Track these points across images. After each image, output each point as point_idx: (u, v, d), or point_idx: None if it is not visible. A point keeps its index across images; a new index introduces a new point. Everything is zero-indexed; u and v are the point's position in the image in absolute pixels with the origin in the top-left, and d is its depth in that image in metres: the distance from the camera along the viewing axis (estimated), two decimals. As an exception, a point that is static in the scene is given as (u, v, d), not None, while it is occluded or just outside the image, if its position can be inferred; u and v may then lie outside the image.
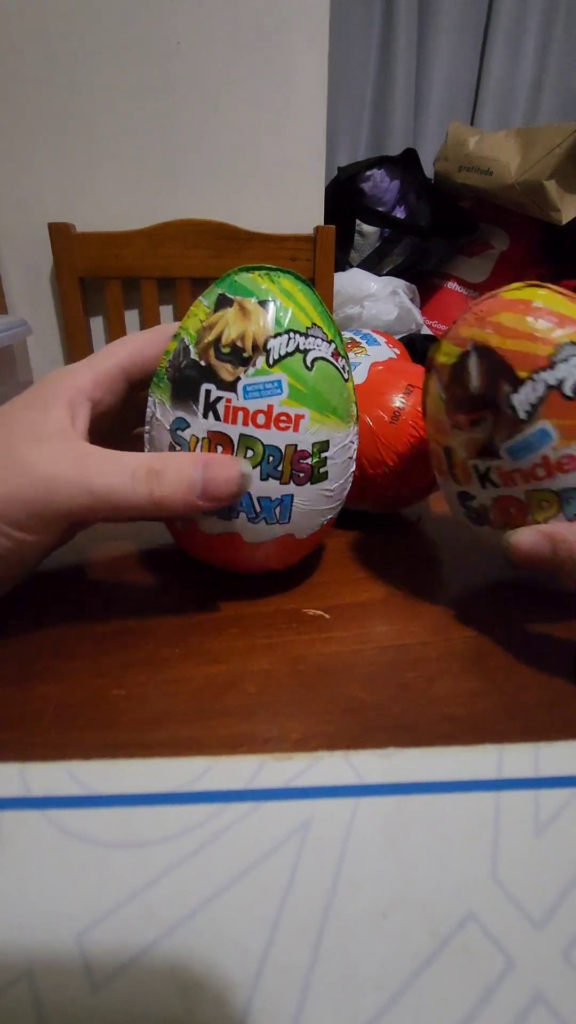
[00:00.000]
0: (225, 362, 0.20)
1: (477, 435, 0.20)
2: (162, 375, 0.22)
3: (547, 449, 0.19)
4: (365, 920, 0.09)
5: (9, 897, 0.09)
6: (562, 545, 0.19)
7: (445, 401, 0.21)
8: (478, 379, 0.20)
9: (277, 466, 0.21)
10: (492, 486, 0.21)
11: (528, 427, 0.19)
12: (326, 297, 0.97)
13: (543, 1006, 0.08)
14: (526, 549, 0.20)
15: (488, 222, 1.29)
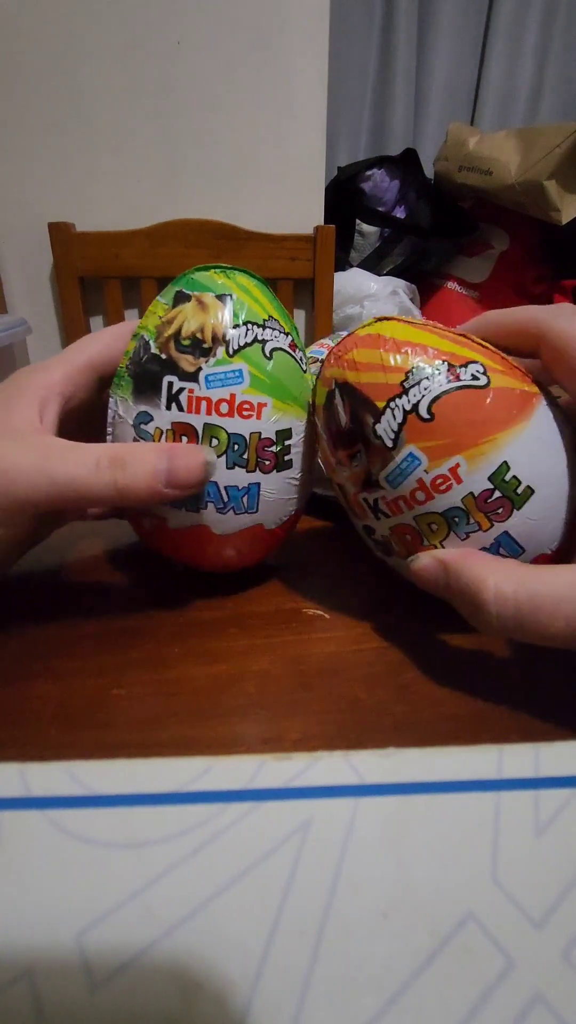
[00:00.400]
0: (186, 354, 0.21)
1: (357, 469, 0.21)
2: (123, 373, 0.22)
3: (419, 472, 0.19)
4: (365, 920, 0.09)
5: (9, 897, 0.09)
6: (452, 572, 0.19)
7: (324, 440, 0.22)
8: (345, 414, 0.21)
9: (243, 454, 0.21)
10: (384, 516, 0.21)
11: (397, 454, 0.19)
12: (326, 297, 0.97)
13: (543, 1006, 0.08)
14: (425, 576, 0.20)
15: (488, 222, 1.29)
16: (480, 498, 0.19)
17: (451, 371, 0.19)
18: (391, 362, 0.20)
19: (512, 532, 0.19)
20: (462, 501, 0.19)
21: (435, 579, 0.20)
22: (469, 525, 0.19)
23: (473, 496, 0.19)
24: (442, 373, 0.19)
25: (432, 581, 0.20)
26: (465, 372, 0.19)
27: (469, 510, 0.19)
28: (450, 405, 0.19)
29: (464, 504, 0.19)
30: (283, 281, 0.96)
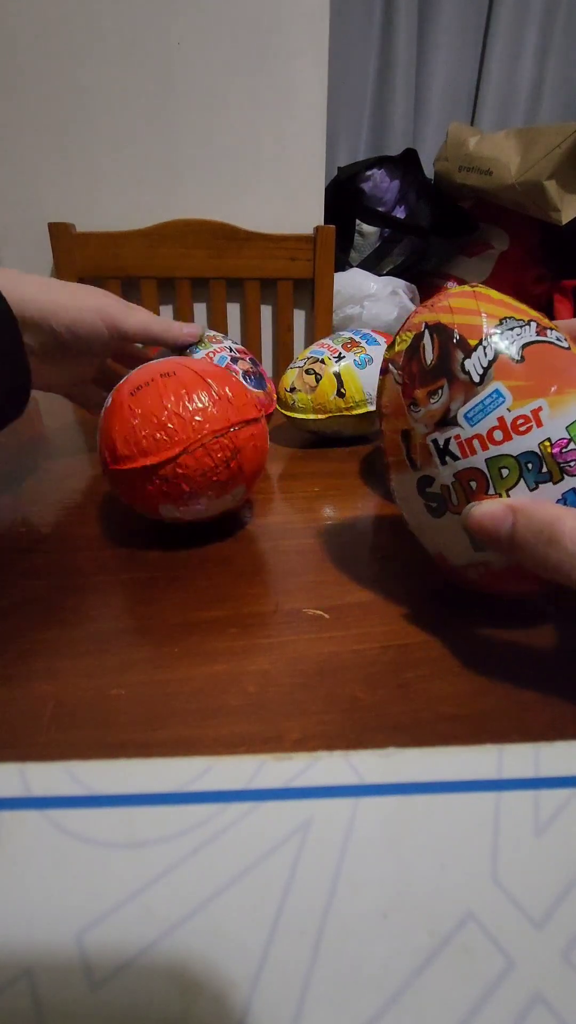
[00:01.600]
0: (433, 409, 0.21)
1: (434, 407, 0.21)
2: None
3: (502, 410, 0.20)
4: (365, 920, 0.09)
5: (9, 897, 0.09)
6: (522, 519, 0.19)
7: (402, 384, 0.23)
8: (432, 351, 0.21)
9: (541, 469, 0.20)
10: (452, 459, 0.21)
11: (482, 389, 0.20)
12: (326, 297, 0.97)
13: (543, 1006, 0.08)
14: (488, 522, 0.20)
15: (488, 222, 1.29)
16: (556, 446, 0.19)
17: (540, 329, 0.21)
18: (486, 310, 0.21)
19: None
20: (539, 446, 0.19)
21: (499, 525, 0.19)
22: (541, 474, 0.20)
23: (550, 442, 0.19)
24: (532, 328, 0.21)
25: (494, 527, 0.19)
26: (550, 334, 0.21)
27: (544, 457, 0.19)
28: (538, 352, 0.20)
29: (540, 449, 0.19)
30: (283, 281, 0.96)
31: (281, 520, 0.33)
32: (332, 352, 0.44)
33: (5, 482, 0.37)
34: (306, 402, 0.43)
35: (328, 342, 0.45)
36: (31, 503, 0.34)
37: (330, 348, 0.44)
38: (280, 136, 0.95)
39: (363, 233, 1.24)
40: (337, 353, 0.44)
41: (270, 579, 0.27)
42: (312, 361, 0.44)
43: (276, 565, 0.28)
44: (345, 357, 0.43)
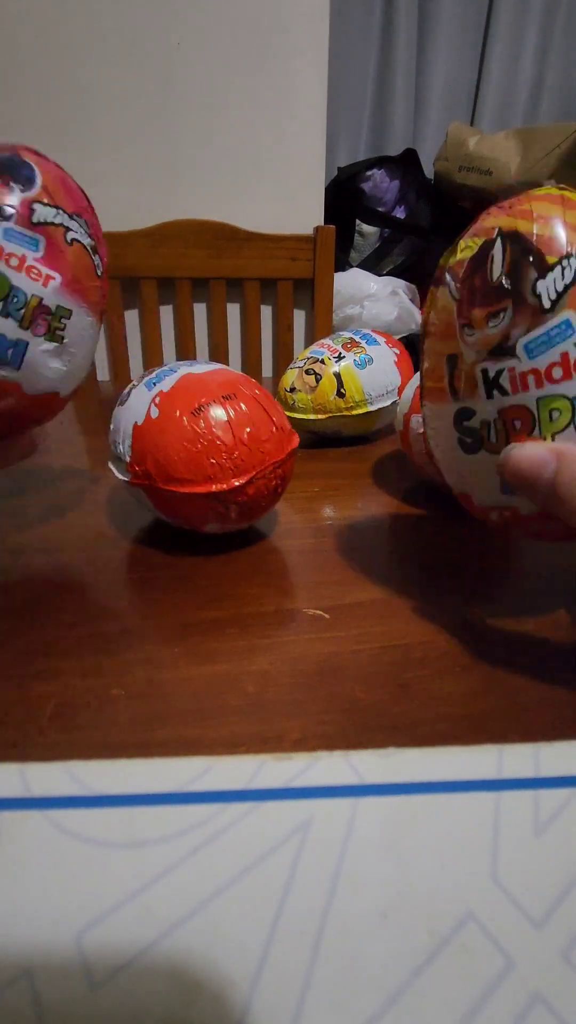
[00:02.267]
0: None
1: (492, 332, 0.19)
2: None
3: (568, 345, 0.18)
4: (365, 920, 0.09)
5: (9, 897, 0.09)
6: (567, 466, 0.17)
7: (458, 300, 0.20)
8: (502, 265, 0.18)
9: None
10: (500, 394, 0.19)
11: (551, 317, 0.18)
12: (326, 297, 0.97)
13: (543, 1006, 0.08)
14: (526, 465, 0.18)
15: (488, 222, 1.29)
16: None
17: None
18: (573, 222, 0.18)
19: None
20: None
21: (540, 468, 0.17)
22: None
23: None
24: None
25: (535, 471, 0.18)
26: None
27: None
28: None
29: None
30: (283, 281, 0.96)
31: (281, 520, 0.33)
32: (332, 352, 0.44)
33: (3, 482, 0.37)
34: (306, 402, 0.43)
35: (328, 342, 0.45)
36: (30, 503, 0.34)
37: (330, 348, 0.44)
38: (280, 136, 0.95)
39: (363, 233, 1.24)
40: (337, 353, 0.44)
41: (270, 579, 0.27)
42: (312, 361, 0.44)
43: (276, 565, 0.28)
44: (345, 357, 0.43)
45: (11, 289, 0.22)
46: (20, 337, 0.23)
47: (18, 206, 0.22)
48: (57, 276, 0.23)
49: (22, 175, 0.23)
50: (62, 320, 0.24)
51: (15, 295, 0.22)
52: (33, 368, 0.24)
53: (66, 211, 0.24)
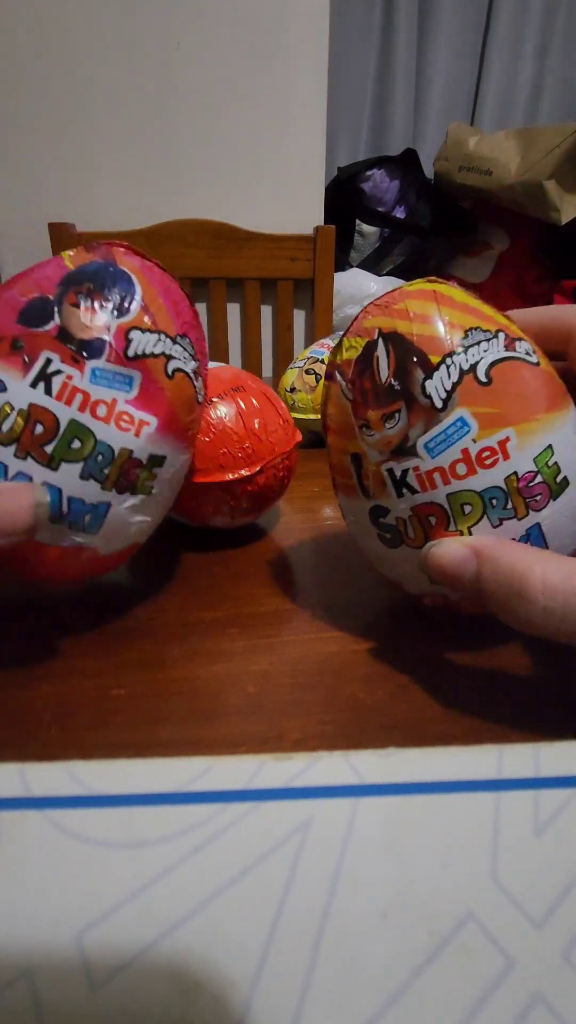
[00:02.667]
0: None
1: (390, 433, 0.19)
2: None
3: (467, 441, 0.18)
4: (365, 920, 0.09)
5: (9, 897, 0.09)
6: (488, 567, 0.17)
7: (352, 400, 0.19)
8: (388, 367, 0.18)
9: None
10: (410, 492, 0.19)
11: (445, 415, 0.18)
12: (326, 297, 0.97)
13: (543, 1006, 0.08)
14: (447, 565, 0.18)
15: (488, 222, 1.29)
16: (523, 480, 0.18)
17: (508, 342, 0.18)
18: (450, 318, 0.18)
19: (544, 525, 0.18)
20: (504, 481, 0.18)
21: (461, 568, 0.17)
22: (505, 510, 0.18)
23: (517, 476, 0.18)
24: (500, 341, 0.18)
25: (457, 570, 0.17)
26: (520, 346, 0.18)
27: (509, 492, 0.18)
28: (507, 373, 0.18)
29: (506, 485, 0.18)
30: (283, 281, 0.96)
31: (281, 520, 0.33)
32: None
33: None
34: (306, 402, 0.43)
35: (328, 342, 0.45)
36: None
37: (330, 348, 0.44)
38: (280, 136, 0.95)
39: (363, 233, 1.24)
40: None
41: (270, 579, 0.27)
42: (312, 361, 0.44)
43: (276, 565, 0.28)
44: None
45: (95, 446, 0.18)
46: (102, 499, 0.18)
47: (111, 338, 0.18)
48: (152, 420, 0.19)
49: (118, 292, 0.19)
50: (154, 470, 0.19)
51: (99, 452, 0.18)
52: (114, 528, 0.19)
53: (169, 335, 0.19)
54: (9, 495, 0.17)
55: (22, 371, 0.17)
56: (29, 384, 0.17)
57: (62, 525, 0.18)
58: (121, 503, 0.19)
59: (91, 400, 0.18)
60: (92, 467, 0.18)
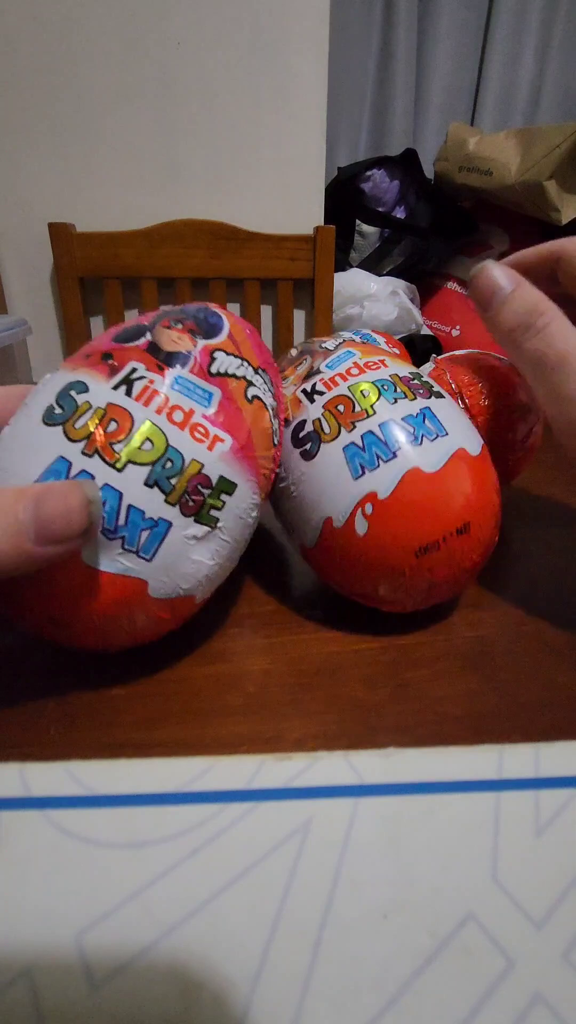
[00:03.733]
0: None
1: (301, 370, 0.25)
2: None
3: (355, 359, 0.24)
4: (365, 920, 0.09)
5: (9, 897, 0.09)
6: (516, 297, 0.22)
7: (279, 361, 0.28)
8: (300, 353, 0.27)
9: (395, 390, 0.23)
10: (319, 395, 0.23)
11: (335, 351, 0.25)
12: (326, 297, 0.97)
13: (543, 1006, 0.08)
14: (497, 275, 0.23)
15: (488, 222, 1.29)
16: (404, 380, 0.23)
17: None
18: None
19: (433, 409, 0.22)
20: (389, 376, 0.23)
21: (497, 290, 0.23)
22: (397, 392, 0.22)
23: (398, 376, 0.23)
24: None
25: (498, 282, 0.23)
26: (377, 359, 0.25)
27: (395, 383, 0.23)
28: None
29: (391, 378, 0.23)
30: (283, 281, 0.96)
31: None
32: None
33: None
34: None
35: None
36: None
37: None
38: (280, 136, 0.95)
39: (363, 233, 1.24)
40: None
41: (270, 579, 0.27)
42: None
43: (276, 565, 0.28)
44: None
45: (166, 450, 0.17)
46: (163, 515, 0.17)
47: (197, 353, 0.19)
48: (227, 439, 0.18)
49: (208, 324, 0.20)
50: (221, 497, 0.18)
51: (169, 458, 0.17)
52: (170, 558, 0.18)
53: (252, 364, 0.20)
54: (57, 495, 0.15)
55: (107, 376, 0.18)
56: (111, 387, 0.18)
57: (115, 540, 0.17)
58: (183, 528, 0.18)
59: (169, 404, 0.18)
60: (159, 474, 0.17)
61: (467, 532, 0.21)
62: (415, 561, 0.20)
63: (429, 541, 0.20)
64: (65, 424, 0.17)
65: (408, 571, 0.21)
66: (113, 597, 0.17)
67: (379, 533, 0.20)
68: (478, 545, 0.21)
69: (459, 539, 0.21)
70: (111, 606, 0.17)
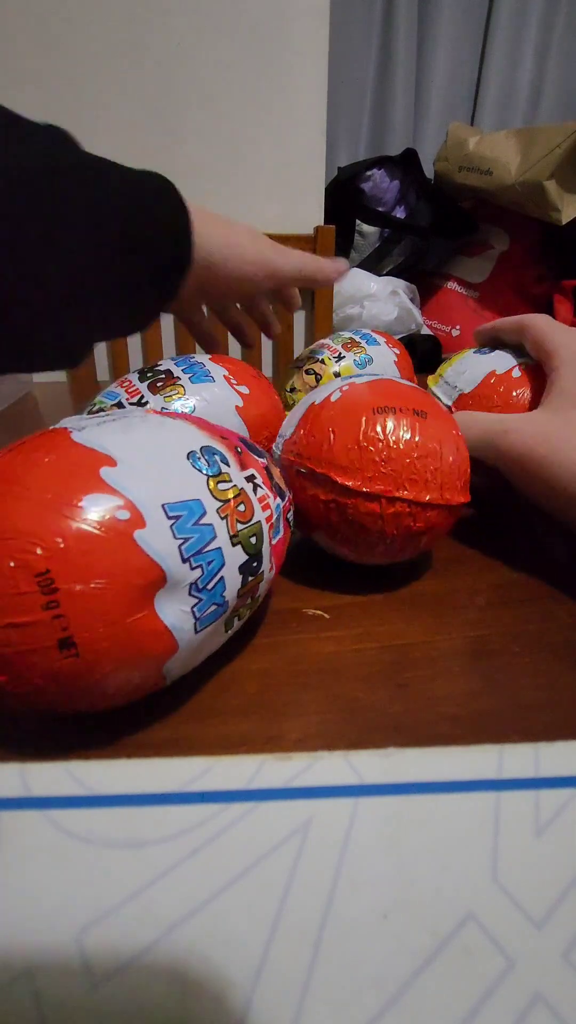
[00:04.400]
0: None
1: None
2: None
3: None
4: (365, 920, 0.09)
5: (9, 897, 0.09)
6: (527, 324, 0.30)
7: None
8: None
9: None
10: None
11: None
12: (326, 297, 0.97)
13: (543, 1006, 0.08)
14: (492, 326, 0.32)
15: (488, 222, 1.29)
16: None
17: None
18: None
19: None
20: None
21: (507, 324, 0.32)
22: None
23: None
24: None
25: (506, 325, 0.32)
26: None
27: None
28: None
29: None
30: (283, 281, 0.96)
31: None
32: (332, 352, 0.44)
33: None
34: None
35: (328, 342, 0.45)
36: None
37: (330, 348, 0.44)
38: (280, 136, 0.95)
39: (363, 233, 1.24)
40: (337, 353, 0.44)
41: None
42: (312, 361, 0.44)
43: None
44: (345, 357, 0.43)
45: (258, 554, 0.19)
46: (229, 601, 0.18)
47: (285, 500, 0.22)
48: (273, 568, 0.21)
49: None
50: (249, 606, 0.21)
51: (258, 560, 0.19)
52: (201, 641, 0.18)
53: None
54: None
55: (238, 464, 0.20)
56: (244, 477, 0.20)
57: (194, 597, 0.17)
58: (225, 618, 0.19)
59: (270, 521, 0.20)
60: (246, 567, 0.19)
61: None
62: None
63: None
64: (210, 479, 0.18)
65: None
66: (149, 647, 0.17)
67: None
68: None
69: None
70: (138, 654, 0.16)
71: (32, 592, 0.14)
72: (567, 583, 0.26)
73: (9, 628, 0.14)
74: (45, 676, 0.15)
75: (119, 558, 0.15)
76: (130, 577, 0.15)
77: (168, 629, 0.16)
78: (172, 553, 0.16)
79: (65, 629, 0.14)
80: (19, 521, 0.15)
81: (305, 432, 0.25)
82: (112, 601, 0.15)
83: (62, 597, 0.14)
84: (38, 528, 0.15)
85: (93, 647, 0.15)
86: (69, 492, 0.15)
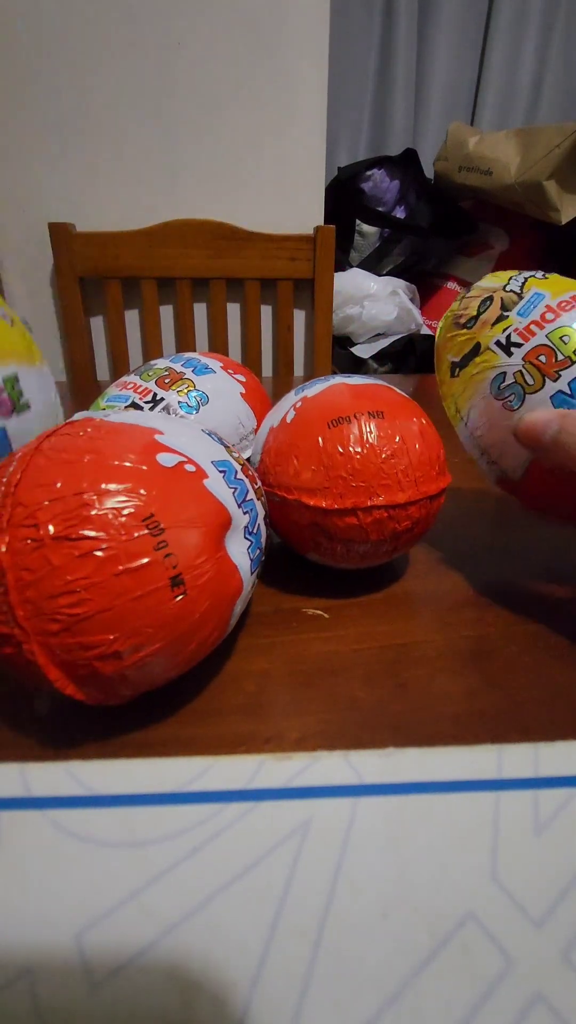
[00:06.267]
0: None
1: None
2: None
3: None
4: (365, 920, 0.09)
5: (9, 897, 0.09)
6: (568, 418, 0.22)
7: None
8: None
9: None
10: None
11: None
12: (326, 297, 0.97)
13: (543, 1006, 0.08)
14: (537, 426, 0.22)
15: (488, 222, 1.29)
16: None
17: None
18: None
19: None
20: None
21: (546, 427, 0.22)
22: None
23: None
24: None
25: (542, 429, 0.22)
26: None
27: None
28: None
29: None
30: (283, 281, 0.96)
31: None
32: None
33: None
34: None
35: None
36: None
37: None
38: (280, 136, 0.95)
39: (363, 233, 1.24)
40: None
41: (270, 579, 0.27)
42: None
43: (275, 565, 0.28)
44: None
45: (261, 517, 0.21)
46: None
47: None
48: None
49: None
50: None
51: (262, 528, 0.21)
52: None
53: None
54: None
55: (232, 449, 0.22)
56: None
57: (247, 516, 0.20)
58: (262, 562, 0.22)
59: (260, 499, 0.22)
60: (268, 522, 0.22)
61: None
62: None
63: None
64: (227, 448, 0.21)
65: None
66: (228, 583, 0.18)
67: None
68: None
69: None
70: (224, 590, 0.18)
71: (144, 535, 0.16)
72: (567, 583, 0.27)
73: (124, 575, 0.15)
74: (155, 623, 0.16)
75: (201, 502, 0.17)
76: (210, 518, 0.17)
77: (236, 568, 0.19)
78: (230, 499, 0.19)
79: (175, 567, 0.16)
80: (112, 479, 0.16)
81: (270, 460, 0.25)
82: (205, 538, 0.17)
83: (169, 537, 0.16)
84: (133, 482, 0.16)
85: (196, 583, 0.17)
86: (143, 453, 0.17)
